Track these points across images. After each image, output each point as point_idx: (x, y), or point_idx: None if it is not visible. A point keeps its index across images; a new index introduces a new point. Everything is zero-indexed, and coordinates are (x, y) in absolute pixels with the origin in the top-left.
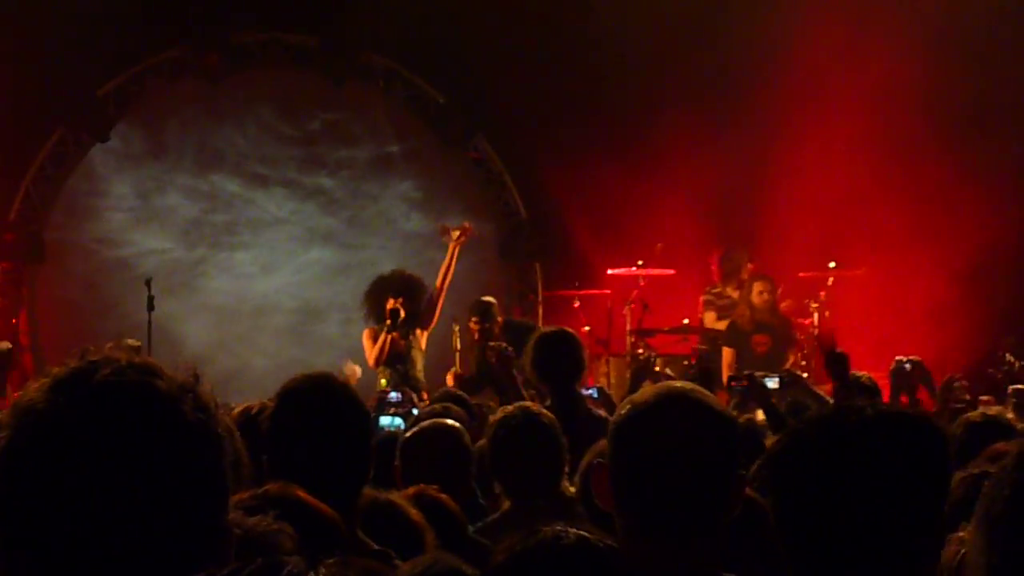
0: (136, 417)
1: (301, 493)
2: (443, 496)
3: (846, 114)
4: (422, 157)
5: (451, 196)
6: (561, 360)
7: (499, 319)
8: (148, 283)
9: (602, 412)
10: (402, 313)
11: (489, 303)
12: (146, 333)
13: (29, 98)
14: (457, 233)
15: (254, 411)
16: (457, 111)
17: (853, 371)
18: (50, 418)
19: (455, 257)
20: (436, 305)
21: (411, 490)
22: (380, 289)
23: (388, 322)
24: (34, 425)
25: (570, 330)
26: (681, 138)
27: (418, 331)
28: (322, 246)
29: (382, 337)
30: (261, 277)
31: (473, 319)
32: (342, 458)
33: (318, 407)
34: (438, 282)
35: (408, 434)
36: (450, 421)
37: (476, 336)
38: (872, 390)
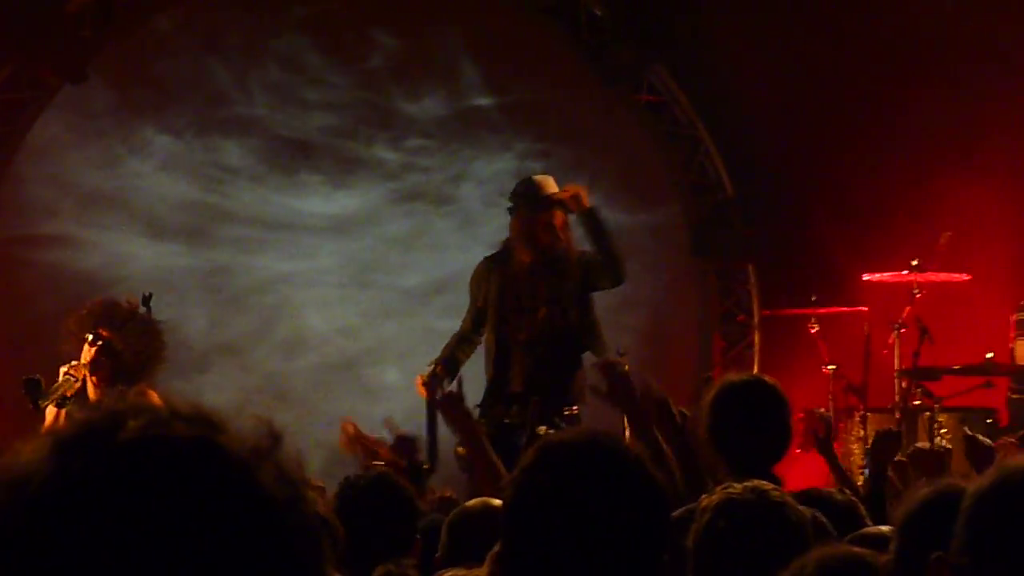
0: (191, 496)
1: None
2: None
3: None
4: (557, 101)
5: (607, 161)
6: (749, 427)
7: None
8: (147, 300)
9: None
10: None
11: None
12: None
13: None
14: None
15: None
16: (623, 29)
17: None
18: (53, 498)
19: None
20: None
21: None
22: None
23: None
24: (29, 508)
25: (768, 379)
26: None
27: None
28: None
29: None
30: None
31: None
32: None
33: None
34: None
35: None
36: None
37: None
38: None
